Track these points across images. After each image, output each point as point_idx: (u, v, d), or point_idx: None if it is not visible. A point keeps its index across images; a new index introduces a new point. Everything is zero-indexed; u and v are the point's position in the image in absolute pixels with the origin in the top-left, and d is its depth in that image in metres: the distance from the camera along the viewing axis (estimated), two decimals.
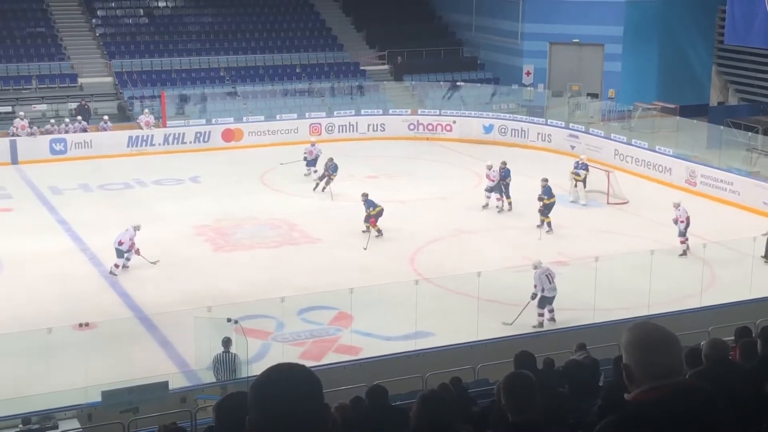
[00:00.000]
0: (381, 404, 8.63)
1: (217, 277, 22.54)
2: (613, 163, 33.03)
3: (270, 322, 19.11)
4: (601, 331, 16.91)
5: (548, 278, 19.21)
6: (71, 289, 21.70)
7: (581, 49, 42.86)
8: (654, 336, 3.35)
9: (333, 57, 44.12)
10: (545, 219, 25.79)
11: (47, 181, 31.44)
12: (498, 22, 44.67)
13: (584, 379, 11.60)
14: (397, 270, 22.55)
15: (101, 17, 43.01)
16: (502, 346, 16.48)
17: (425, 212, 28.01)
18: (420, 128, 39.06)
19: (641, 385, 3.29)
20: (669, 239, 24.79)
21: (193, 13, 45.02)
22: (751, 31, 35.81)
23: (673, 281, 21.35)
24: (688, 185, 30.93)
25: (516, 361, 10.18)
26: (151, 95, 38.73)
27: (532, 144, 37.28)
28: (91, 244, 24.77)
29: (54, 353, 17.07)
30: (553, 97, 40.91)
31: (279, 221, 27.21)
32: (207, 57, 42.30)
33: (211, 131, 37.05)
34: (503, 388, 4.60)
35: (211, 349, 16.45)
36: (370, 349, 18.10)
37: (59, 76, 39.11)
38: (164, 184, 31.62)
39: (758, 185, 28.91)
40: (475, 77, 44.01)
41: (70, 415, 14.68)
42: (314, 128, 38.14)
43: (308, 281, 21.80)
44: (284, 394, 2.92)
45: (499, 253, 24.12)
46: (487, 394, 12.17)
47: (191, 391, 15.70)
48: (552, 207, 25.89)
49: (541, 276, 19.20)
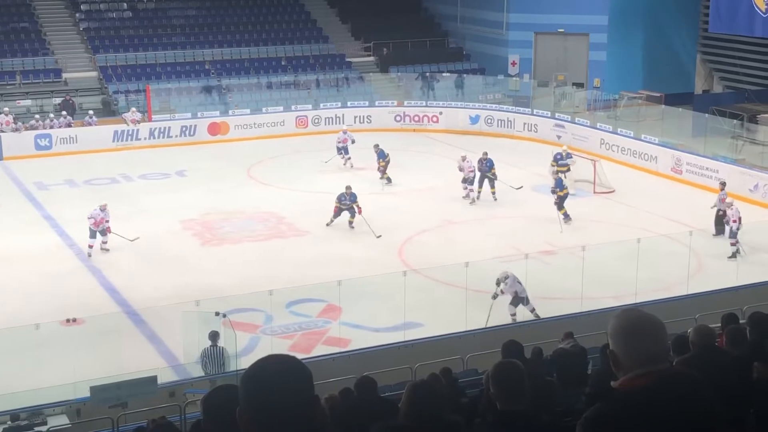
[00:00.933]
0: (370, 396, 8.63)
1: (205, 271, 22.51)
2: (599, 152, 33.11)
3: (258, 315, 19.09)
4: (589, 320, 16.95)
5: (518, 281, 19.15)
6: (58, 284, 21.64)
7: (566, 38, 42.91)
8: (639, 322, 3.37)
9: (318, 49, 44.06)
10: (561, 210, 25.66)
11: (33, 176, 31.31)
12: (483, 12, 44.67)
13: (572, 367, 11.64)
14: (386, 261, 22.56)
15: (85, 12, 42.81)
16: (491, 336, 16.51)
17: (413, 203, 28.03)
18: (406, 119, 39.05)
19: (628, 372, 3.30)
20: (655, 227, 24.89)
21: (177, 6, 44.85)
22: (735, 19, 35.90)
23: (660, 269, 21.42)
24: (674, 173, 31.03)
25: (504, 351, 10.19)
26: (136, 89, 38.60)
27: (518, 134, 37.32)
28: (77, 240, 24.69)
29: (42, 349, 17.02)
30: (538, 87, 40.97)
31: (266, 214, 27.18)
32: (192, 50, 42.17)
33: (196, 125, 36.95)
34: (492, 378, 4.61)
35: (199, 343, 16.44)
36: (359, 340, 18.11)
37: (43, 71, 38.94)
38: (150, 178, 31.53)
39: (744, 172, 29.02)
40: (461, 68, 44.01)
41: (59, 410, 14.64)
42: (300, 121, 38.10)
43: (296, 274, 21.79)
44: (274, 386, 2.91)
45: (487, 244, 24.15)
46: (476, 384, 12.20)
47: (180, 386, 15.68)
48: (566, 198, 25.84)
49: (513, 283, 19.11)
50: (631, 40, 42.18)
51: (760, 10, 34.18)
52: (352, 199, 25.38)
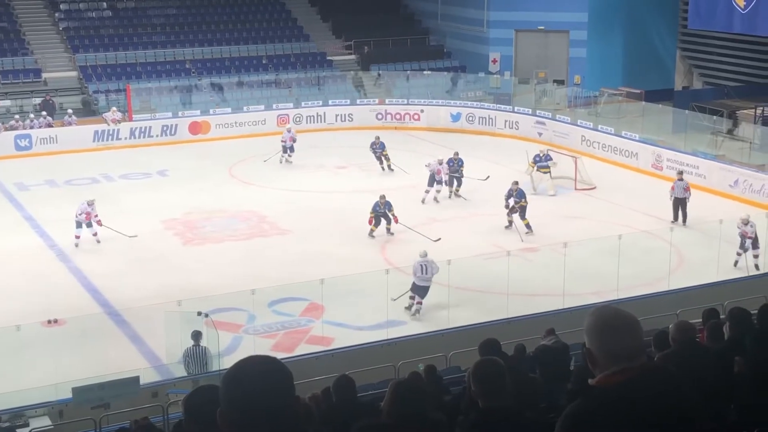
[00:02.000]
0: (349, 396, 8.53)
1: (188, 271, 22.46)
2: (580, 149, 33.22)
3: (241, 314, 19.06)
4: (572, 316, 16.99)
5: (422, 268, 19.16)
6: (39, 285, 21.53)
7: (547, 35, 43.01)
8: (614, 319, 3.39)
9: (299, 48, 44.01)
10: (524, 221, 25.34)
11: (13, 177, 31.14)
12: (463, 10, 44.72)
13: (555, 363, 11.68)
14: (369, 260, 22.58)
15: (64, 11, 42.60)
16: (474, 334, 16.52)
17: (395, 201, 27.96)
18: (388, 118, 39.07)
19: (604, 369, 3.33)
20: (636, 223, 25.00)
21: (157, 5, 44.68)
22: (714, 15, 36.06)
23: (641, 265, 21.52)
24: (655, 169, 31.16)
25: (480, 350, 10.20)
26: (116, 89, 38.44)
27: (499, 131, 37.39)
28: (58, 240, 24.59)
29: (23, 350, 16.94)
30: (519, 84, 41.06)
31: (248, 213, 27.13)
32: (172, 49, 42.03)
33: (177, 124, 36.84)
34: (472, 375, 4.63)
35: (182, 343, 16.40)
36: (342, 339, 18.12)
37: (23, 71, 38.74)
38: (132, 178, 31.43)
39: (724, 168, 29.18)
40: (442, 66, 44.06)
41: (41, 412, 14.59)
42: (282, 119, 38.04)
43: (279, 273, 21.77)
44: (255, 387, 2.92)
45: (470, 241, 24.17)
46: (459, 381, 12.22)
47: (162, 386, 15.64)
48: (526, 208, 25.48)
49: (417, 264, 19.21)
50: (611, 37, 42.34)
51: (738, 7, 34.36)
52: (387, 208, 25.02)
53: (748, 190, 27.99)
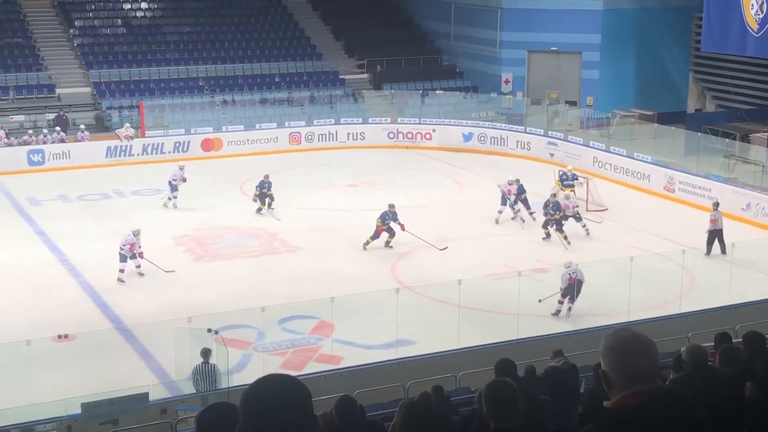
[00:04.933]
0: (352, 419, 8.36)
1: (198, 288, 22.47)
2: (592, 170, 33.18)
3: (251, 332, 19.05)
4: (582, 338, 16.95)
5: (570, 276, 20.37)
6: (50, 300, 21.57)
7: (559, 57, 43.06)
8: (630, 341, 3.38)
9: (312, 66, 44.14)
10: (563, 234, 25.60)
11: (25, 192, 31.25)
12: (476, 30, 44.81)
13: (564, 384, 11.63)
14: (378, 278, 22.55)
15: (79, 27, 42.85)
16: (483, 354, 16.49)
17: (405, 220, 27.98)
18: (399, 137, 39.12)
19: (619, 392, 3.31)
20: (648, 246, 24.93)
21: (171, 22, 44.92)
22: (727, 38, 36.06)
23: (653, 287, 21.44)
24: (667, 192, 31.10)
25: (496, 369, 10.18)
26: (129, 105, 38.61)
27: (511, 152, 37.39)
28: (70, 255, 24.64)
29: (33, 365, 16.94)
30: (531, 105, 41.06)
31: (259, 230, 27.16)
32: (186, 66, 42.20)
33: (190, 141, 36.97)
34: (485, 396, 4.60)
35: (191, 360, 16.38)
36: (351, 358, 18.07)
37: (37, 86, 38.93)
38: (143, 194, 31.50)
39: (736, 191, 29.10)
40: (454, 85, 44.13)
41: (50, 427, 14.58)
42: (294, 137, 38.16)
43: (289, 290, 21.76)
44: (274, 405, 2.92)
45: (480, 261, 24.15)
46: (468, 402, 12.17)
47: (172, 402, 15.62)
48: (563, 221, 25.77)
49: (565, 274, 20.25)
50: (624, 59, 42.37)
51: (752, 30, 34.36)
52: (394, 218, 25.07)
53: (760, 213, 27.90)
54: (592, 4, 41.96)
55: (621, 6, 42.34)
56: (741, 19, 35.04)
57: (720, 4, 36.05)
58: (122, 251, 22.84)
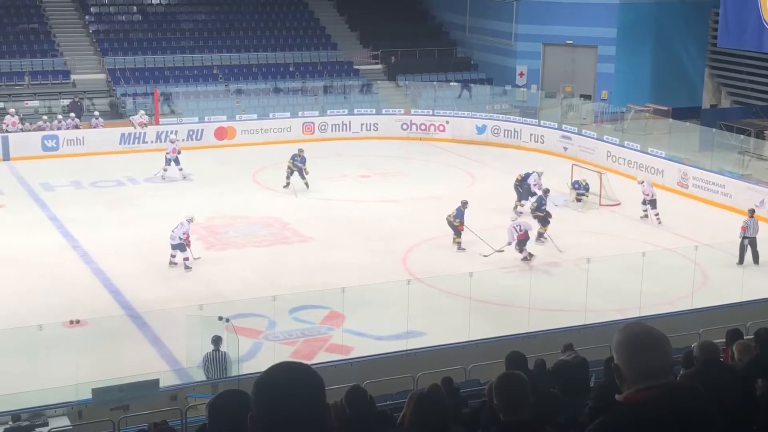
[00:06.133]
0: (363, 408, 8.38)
1: (209, 276, 22.52)
2: (606, 164, 33.08)
3: (261, 320, 19.09)
4: (594, 332, 16.94)
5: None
6: (62, 286, 21.66)
7: (574, 50, 42.92)
8: (643, 336, 3.37)
9: (326, 56, 44.11)
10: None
11: (39, 177, 31.37)
12: (492, 22, 44.70)
13: (574, 378, 11.63)
14: (390, 269, 22.56)
15: (95, 14, 42.92)
16: (493, 347, 16.50)
17: (418, 212, 28.02)
18: (413, 128, 39.08)
19: (632, 386, 3.30)
20: (661, 241, 24.87)
21: (186, 10, 44.94)
22: (744, 34, 35.90)
23: (665, 283, 21.38)
24: (680, 187, 31.00)
25: (507, 362, 10.19)
26: (144, 92, 38.65)
27: (524, 145, 37.32)
28: (82, 241, 24.72)
29: (45, 350, 17.04)
30: (546, 98, 40.95)
31: (271, 220, 27.19)
32: (200, 55, 42.23)
33: (203, 129, 37.01)
34: (496, 389, 4.60)
35: (202, 348, 16.43)
36: (361, 348, 18.10)
37: (52, 72, 39.02)
38: (156, 181, 31.56)
39: (750, 188, 28.98)
40: (469, 78, 44.03)
41: (60, 412, 14.65)
42: (307, 127, 38.17)
43: (300, 280, 21.79)
44: (286, 392, 2.93)
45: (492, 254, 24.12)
46: (478, 394, 12.18)
47: (182, 389, 15.68)
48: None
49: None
50: (640, 53, 42.20)
51: None
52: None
53: None
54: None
55: (637, 0, 42.17)
56: (758, 15, 34.87)
57: (737, 0, 35.87)
58: (182, 241, 22.72)
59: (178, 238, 22.84)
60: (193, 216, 23.64)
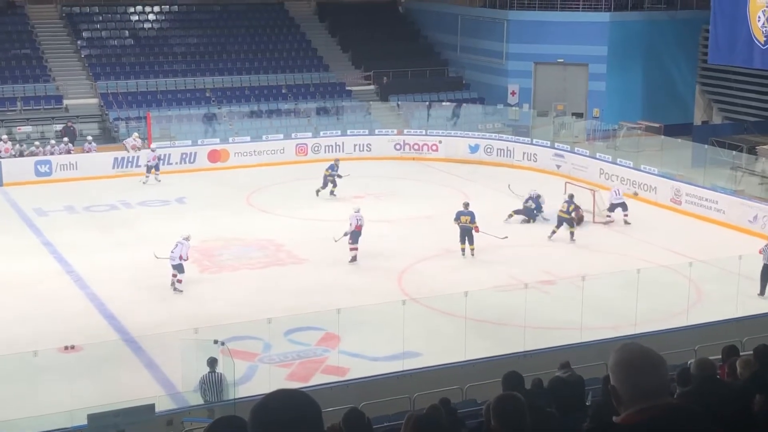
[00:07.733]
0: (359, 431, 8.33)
1: (204, 299, 22.47)
2: (599, 182, 33.14)
3: (257, 343, 19.04)
4: (589, 350, 16.91)
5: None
6: (56, 311, 21.58)
7: (566, 68, 43.09)
8: (639, 357, 3.37)
9: (319, 77, 44.22)
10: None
11: (32, 203, 31.32)
12: (483, 42, 44.88)
13: (570, 396, 11.60)
14: (385, 290, 22.53)
15: (86, 39, 43.00)
16: (490, 366, 16.47)
17: (412, 232, 28.03)
18: (406, 148, 39.14)
19: (629, 407, 3.30)
20: (655, 258, 24.88)
21: (178, 34, 45.06)
22: (734, 51, 36.07)
23: (660, 300, 21.39)
24: (674, 204, 31.06)
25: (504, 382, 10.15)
26: (136, 116, 38.69)
27: (517, 163, 37.40)
28: (76, 266, 24.67)
29: (39, 376, 16.95)
30: (538, 116, 41.10)
31: (265, 242, 27.17)
32: (192, 78, 42.31)
33: (197, 152, 37.02)
34: (493, 410, 4.59)
35: (197, 371, 16.36)
36: (358, 369, 18.05)
37: (44, 97, 39.05)
38: (150, 205, 31.54)
39: (743, 203, 29.04)
40: (461, 97, 44.16)
41: None
42: (300, 148, 38.20)
43: (295, 302, 21.76)
44: (283, 419, 2.92)
45: (487, 273, 24.13)
46: (475, 414, 12.14)
47: (178, 414, 15.59)
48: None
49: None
50: (630, 71, 42.38)
51: (758, 42, 34.36)
52: (471, 220, 25.49)
53: (767, 225, 27.83)
54: (598, 16, 42.04)
55: (628, 18, 42.40)
56: (748, 32, 35.05)
57: (727, 17, 36.07)
58: (182, 261, 22.82)
59: (177, 258, 22.82)
60: (190, 234, 23.58)
